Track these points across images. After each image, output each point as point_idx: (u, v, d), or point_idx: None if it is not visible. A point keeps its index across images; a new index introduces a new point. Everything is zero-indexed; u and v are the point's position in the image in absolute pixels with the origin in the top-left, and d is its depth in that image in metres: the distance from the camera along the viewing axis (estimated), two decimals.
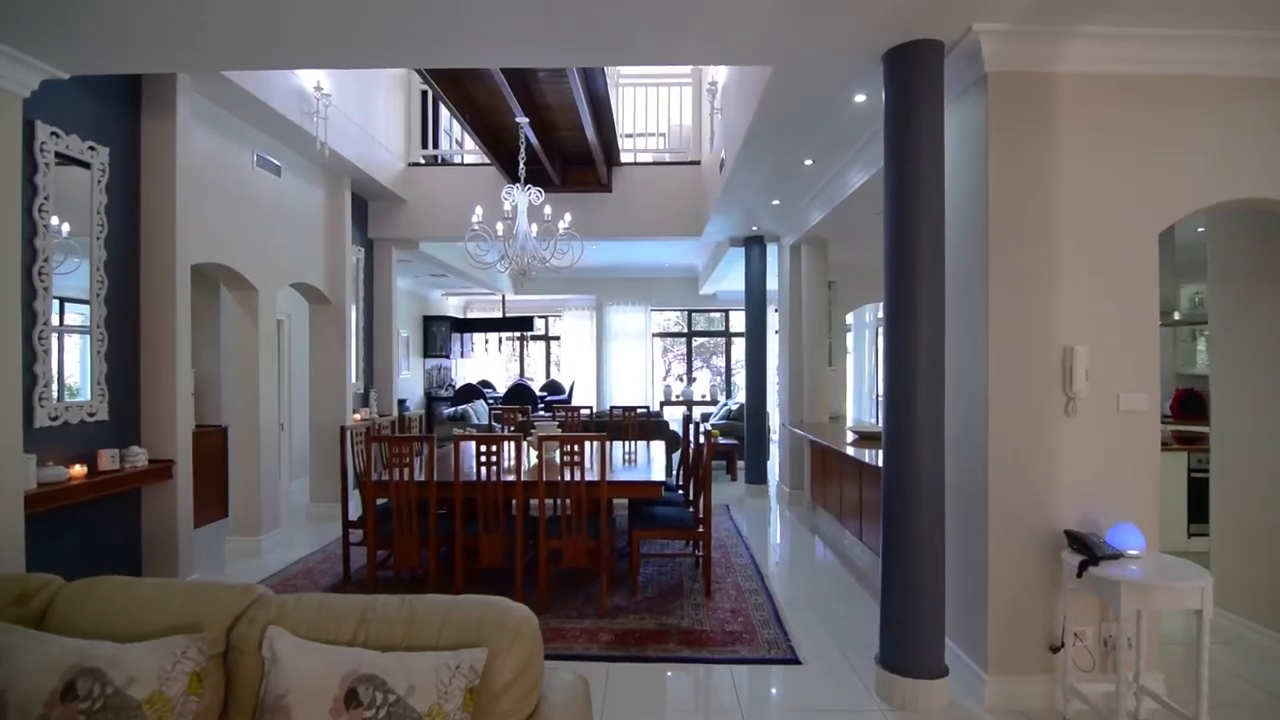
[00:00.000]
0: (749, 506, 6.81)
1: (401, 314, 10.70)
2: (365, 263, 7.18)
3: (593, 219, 7.18)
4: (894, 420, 2.89)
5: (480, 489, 3.82)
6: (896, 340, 2.91)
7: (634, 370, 12.45)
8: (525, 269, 5.14)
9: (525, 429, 6.13)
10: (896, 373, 2.90)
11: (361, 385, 7.06)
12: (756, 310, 7.20)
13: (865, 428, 5.31)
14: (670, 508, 4.46)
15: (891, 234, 2.96)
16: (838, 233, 6.13)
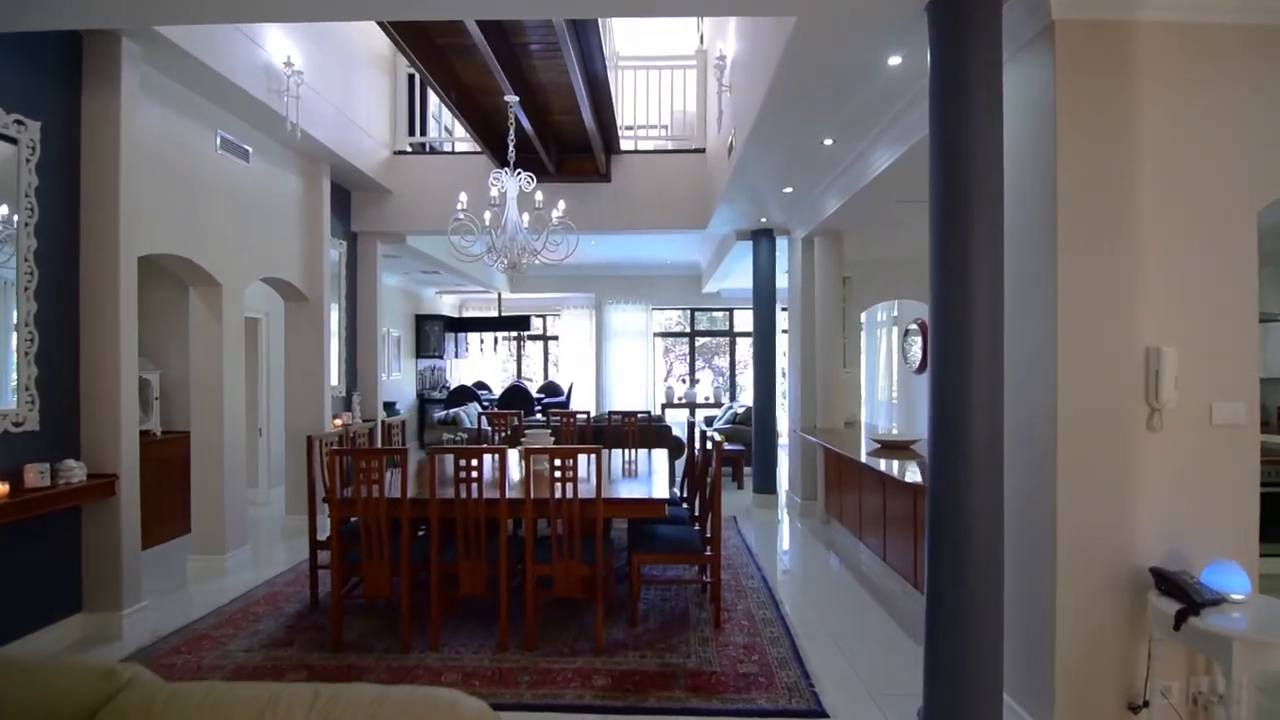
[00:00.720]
0: (757, 518, 6.35)
1: (392, 313, 10.26)
2: (348, 258, 6.73)
3: (591, 211, 6.73)
4: (943, 436, 2.44)
5: (459, 508, 3.37)
6: (947, 343, 2.45)
7: (634, 371, 12.01)
8: (515, 262, 4.69)
9: (515, 437, 5.68)
10: (946, 381, 2.44)
11: (343, 388, 6.62)
12: (765, 307, 6.74)
13: (888, 436, 4.86)
14: (674, 526, 4.01)
15: (940, 220, 2.51)
16: (855, 224, 5.67)
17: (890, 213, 5.25)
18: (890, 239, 6.37)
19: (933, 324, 2.55)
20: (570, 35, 4.25)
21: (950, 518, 2.39)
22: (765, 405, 6.73)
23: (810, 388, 6.32)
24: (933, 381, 2.54)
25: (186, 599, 4.22)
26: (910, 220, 5.31)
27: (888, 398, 8.75)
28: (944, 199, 2.47)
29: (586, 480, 3.60)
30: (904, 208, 5.06)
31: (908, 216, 5.26)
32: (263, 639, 3.56)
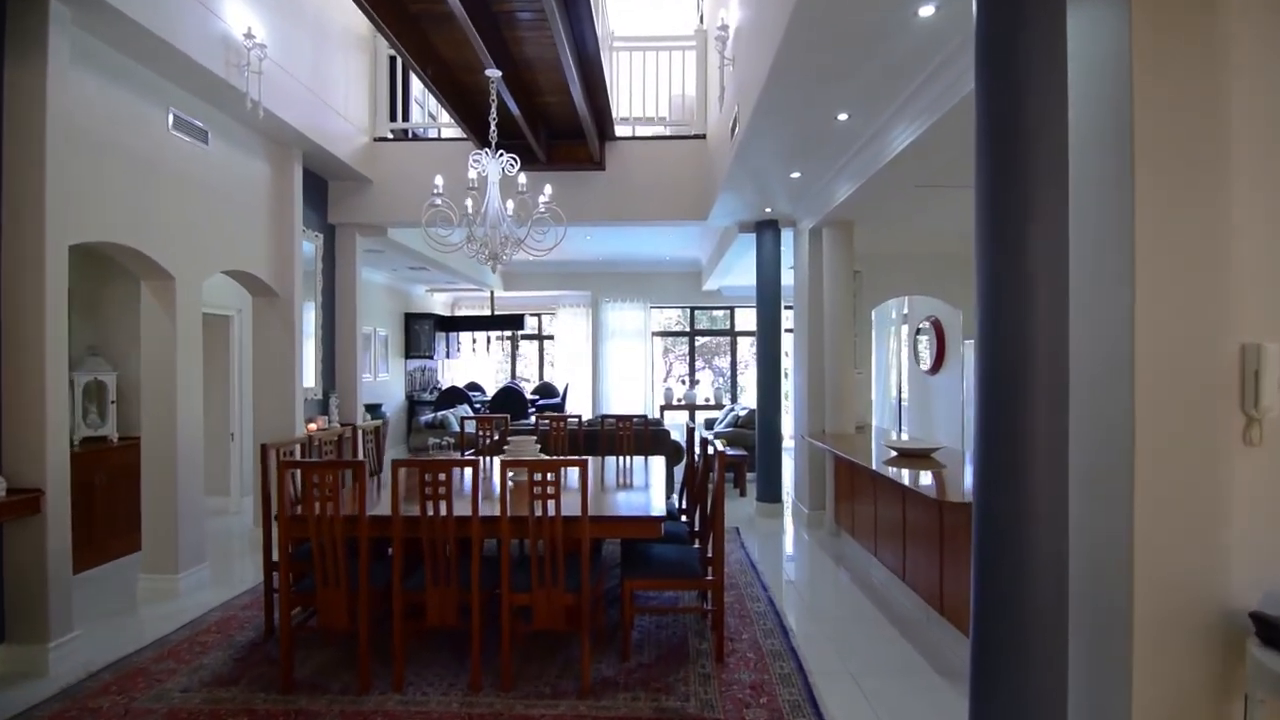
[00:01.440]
0: (761, 529, 5.94)
1: (378, 311, 9.85)
2: (325, 251, 6.32)
3: (584, 200, 6.32)
4: (993, 453, 2.02)
5: (426, 527, 2.96)
6: (996, 342, 2.04)
7: (632, 372, 11.59)
8: (497, 253, 4.28)
9: (498, 445, 5.26)
10: (997, 385, 2.03)
11: (320, 390, 6.20)
12: (769, 303, 6.32)
13: (906, 444, 4.44)
14: (672, 546, 3.59)
15: (989, 195, 2.09)
16: (867, 213, 5.26)
17: (907, 199, 4.84)
18: (904, 230, 5.96)
19: (981, 318, 2.13)
20: (558, 2, 3.83)
21: (1002, 553, 1.98)
22: (769, 408, 6.31)
23: (818, 390, 5.90)
24: (981, 386, 2.13)
25: (132, 625, 3.80)
26: (930, 206, 4.91)
27: (897, 399, 8.32)
28: (992, 168, 2.05)
29: (575, 493, 3.18)
30: (924, 194, 4.65)
31: (929, 202, 4.85)
32: (206, 676, 3.15)
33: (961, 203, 4.93)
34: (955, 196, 4.83)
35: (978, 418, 2.16)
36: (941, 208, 5.13)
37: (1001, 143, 1.99)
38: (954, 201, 4.98)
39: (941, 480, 3.72)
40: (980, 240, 2.06)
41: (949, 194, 4.76)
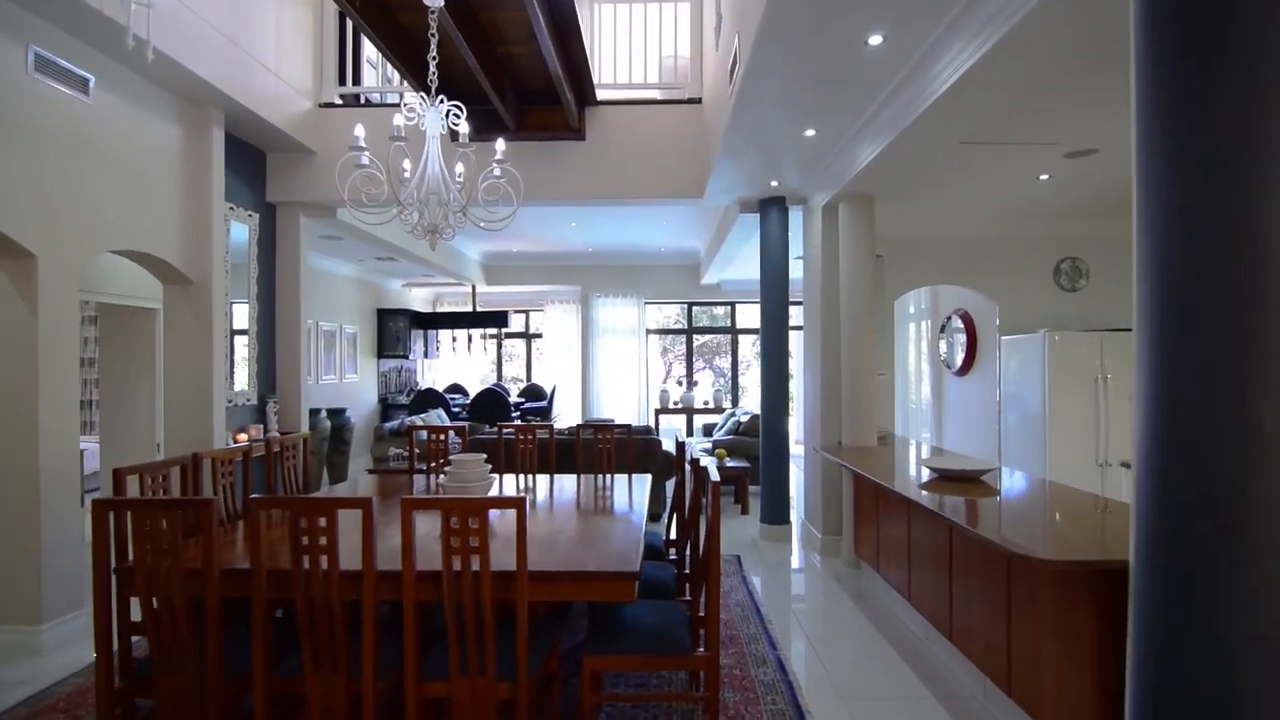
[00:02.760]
0: (767, 556, 5.08)
1: (346, 306, 9.01)
2: (262, 234, 5.47)
3: (561, 175, 5.47)
4: (1177, 482, 1.17)
5: (302, 588, 2.11)
6: (1180, 316, 1.18)
7: (625, 372, 10.74)
8: (437, 226, 3.43)
9: (438, 461, 4.39)
10: (1185, 381, 1.18)
11: (255, 394, 5.36)
12: (775, 294, 5.46)
13: (950, 464, 3.57)
14: (652, 606, 2.73)
15: (1153, 82, 1.23)
16: (893, 183, 4.40)
17: (945, 163, 3.98)
18: (932, 207, 5.09)
19: (1149, 285, 1.27)
20: None
21: (1189, 626, 1.13)
22: (775, 415, 5.45)
23: (833, 396, 5.04)
24: (1148, 385, 1.27)
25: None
26: (972, 172, 4.05)
27: (919, 404, 7.46)
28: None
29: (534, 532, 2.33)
30: (966, 157, 3.79)
31: (971, 165, 3.99)
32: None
33: (1011, 167, 4.06)
34: (1003, 160, 3.97)
35: (1143, 431, 1.31)
36: (984, 174, 4.27)
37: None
38: (1000, 166, 4.12)
39: (997, 514, 2.86)
40: (1159, 162, 1.20)
41: (996, 157, 3.91)
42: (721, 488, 7.09)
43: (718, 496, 2.53)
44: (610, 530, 2.82)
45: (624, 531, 2.79)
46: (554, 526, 2.91)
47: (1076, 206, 5.15)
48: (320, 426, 7.48)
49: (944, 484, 3.38)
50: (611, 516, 3.16)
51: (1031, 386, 5.13)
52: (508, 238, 9.16)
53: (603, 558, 2.41)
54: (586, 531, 2.84)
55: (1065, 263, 5.58)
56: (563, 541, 2.65)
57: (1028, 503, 3.05)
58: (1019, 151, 3.80)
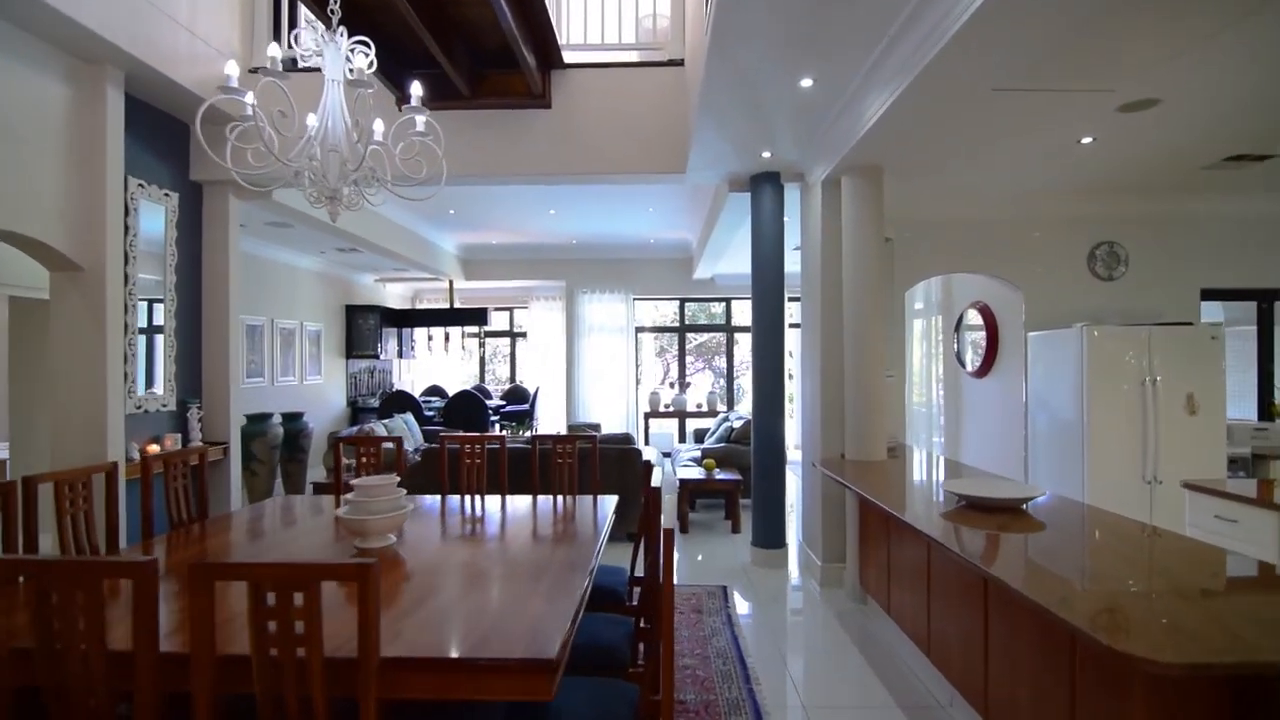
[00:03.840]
0: (758, 586, 4.39)
1: (307, 301, 8.34)
2: (183, 217, 4.79)
3: (523, 149, 4.78)
4: None
5: (46, 671, 1.43)
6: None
7: (613, 373, 10.05)
8: (337, 192, 2.75)
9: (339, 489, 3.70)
10: None
11: (173, 399, 4.68)
12: (769, 284, 4.77)
13: (982, 487, 2.86)
14: (589, 689, 2.04)
15: None
16: (905, 150, 3.71)
17: (973, 117, 3.28)
18: (949, 181, 4.40)
19: None
20: None
21: None
22: (769, 424, 4.75)
23: (835, 402, 4.35)
24: None
25: None
26: (1006, 128, 3.37)
27: (929, 409, 6.75)
28: None
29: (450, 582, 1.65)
30: (1001, 106, 3.10)
31: (1002, 120, 3.30)
32: None
33: (1050, 125, 3.36)
34: (1041, 117, 3.28)
35: None
36: (1015, 136, 3.58)
37: None
38: (1036, 125, 3.43)
39: (1055, 566, 2.16)
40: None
41: (1032, 113, 3.22)
42: (710, 497, 6.43)
43: (670, 549, 1.84)
44: (536, 588, 2.13)
45: (554, 592, 2.09)
46: (459, 584, 2.22)
47: (1117, 180, 4.46)
48: (270, 433, 6.81)
49: (973, 515, 2.68)
50: (547, 565, 2.47)
51: (1065, 390, 4.43)
52: (484, 229, 8.50)
53: (509, 637, 1.72)
54: (505, 590, 2.14)
55: (1101, 248, 4.88)
56: (462, 609, 1.96)
57: (1095, 550, 2.35)
58: (1063, 104, 3.11)
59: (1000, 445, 5.22)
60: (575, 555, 2.50)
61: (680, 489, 5.76)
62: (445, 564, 2.40)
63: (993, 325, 5.26)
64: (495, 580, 2.23)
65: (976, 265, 4.94)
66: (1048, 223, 4.91)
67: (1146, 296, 4.88)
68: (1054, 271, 4.92)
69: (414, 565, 2.36)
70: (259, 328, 7.27)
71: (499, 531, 2.94)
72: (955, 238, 4.93)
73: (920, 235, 4.93)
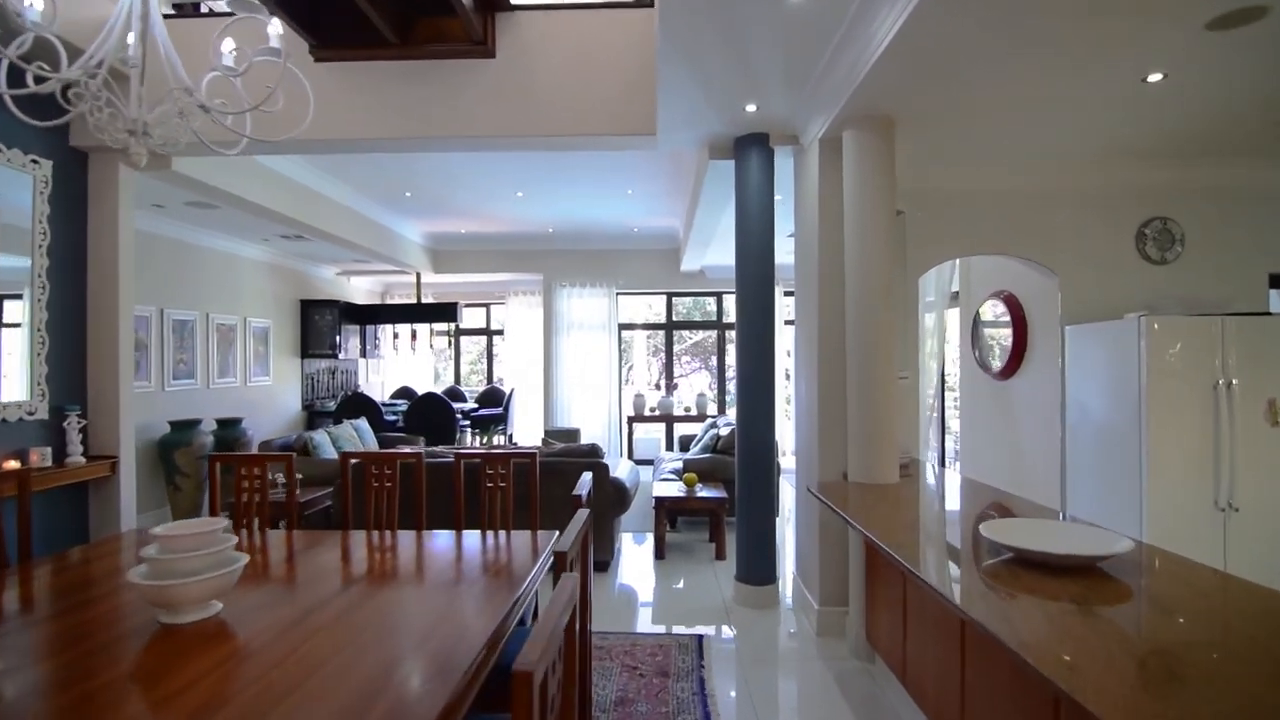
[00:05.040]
0: (744, 635, 3.61)
1: (253, 295, 7.56)
2: (59, 189, 4.02)
3: (463, 107, 4.00)
4: None
5: None
6: None
7: (594, 374, 9.27)
8: (138, 125, 1.99)
9: (255, 506, 2.92)
10: None
11: (44, 405, 3.91)
12: (757, 268, 4.00)
13: (1037, 538, 2.03)
14: None
15: None
16: (921, 95, 2.93)
17: (1010, 46, 2.50)
18: (972, 140, 3.62)
19: None
20: None
21: None
22: (756, 437, 3.97)
23: (835, 409, 3.57)
24: None
25: None
26: (1052, 63, 2.59)
27: (938, 417, 5.97)
28: None
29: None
30: (1050, 30, 2.32)
31: (1049, 52, 2.52)
32: None
33: (1110, 59, 2.58)
34: (1100, 47, 2.50)
35: None
36: (1063, 75, 2.80)
37: None
38: (1092, 59, 2.65)
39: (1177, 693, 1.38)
40: None
41: (1087, 41, 2.44)
42: (693, 516, 5.64)
43: (586, 633, 1.06)
44: (387, 694, 1.35)
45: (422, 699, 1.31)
46: (282, 683, 1.44)
47: (1178, 139, 3.68)
48: (197, 442, 6.04)
49: (1027, 575, 1.90)
50: (421, 646, 1.68)
51: (1115, 395, 3.65)
52: (449, 215, 7.72)
53: None
54: (342, 697, 1.36)
55: (1152, 224, 4.10)
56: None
57: (1231, 643, 1.57)
58: (1138, 16, 2.32)
59: (1028, 461, 4.44)
60: (466, 634, 1.72)
61: (656, 508, 4.98)
62: (276, 646, 1.63)
63: (1020, 318, 4.48)
64: (336, 677, 1.45)
65: (1003, 246, 4.16)
66: (1089, 195, 4.12)
67: (1205, 283, 4.10)
68: (1095, 253, 4.13)
69: (241, 648, 1.60)
70: (189, 323, 6.49)
71: (392, 583, 2.17)
72: (977, 213, 4.15)
73: (936, 210, 4.14)
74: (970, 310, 5.07)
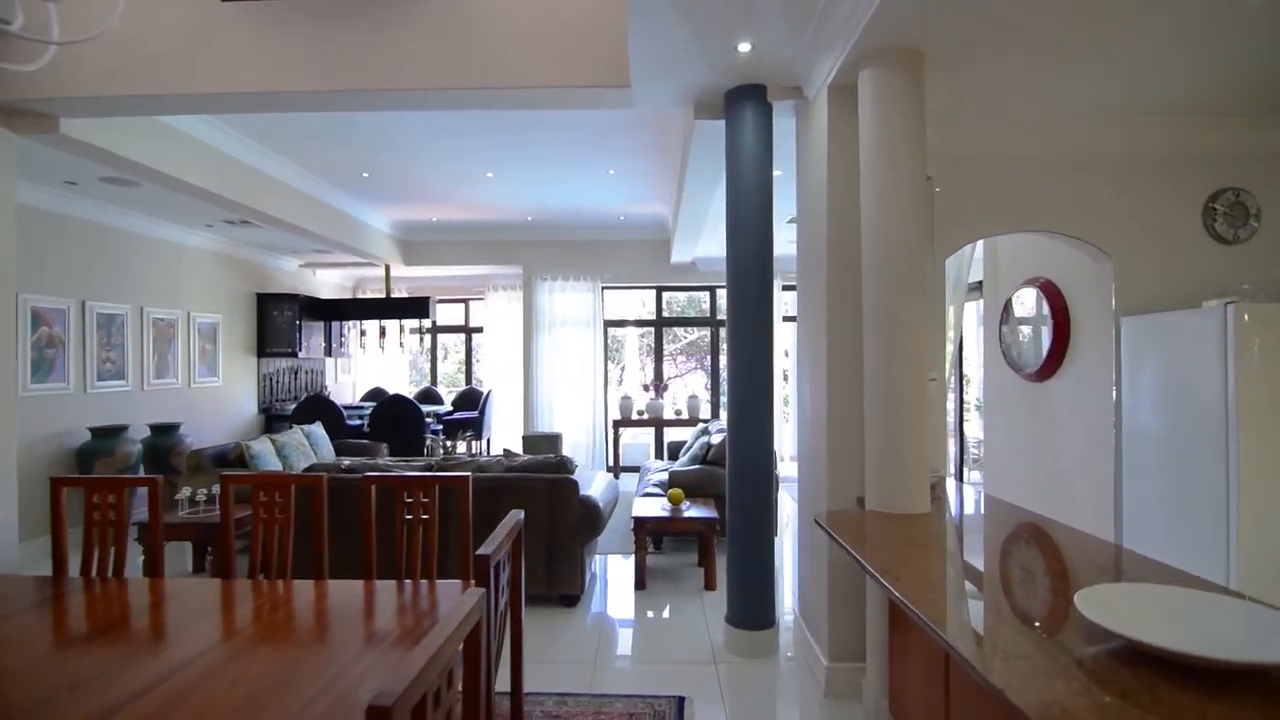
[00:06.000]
0: (736, 694, 2.94)
1: (203, 288, 6.88)
2: None
3: (390, 54, 3.32)
4: None
5: None
6: None
7: (578, 374, 8.60)
8: None
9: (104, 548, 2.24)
10: None
11: None
12: (750, 250, 3.32)
13: (1173, 630, 1.38)
14: None
15: None
16: (963, 15, 2.27)
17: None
18: (1017, 90, 2.96)
19: None
20: None
21: None
22: (751, 450, 3.30)
23: (848, 419, 2.89)
24: None
25: None
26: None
27: (957, 425, 5.31)
28: None
29: None
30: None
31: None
32: None
33: None
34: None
35: None
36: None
37: None
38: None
39: None
40: None
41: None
42: (680, 535, 4.97)
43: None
44: None
45: None
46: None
47: (1259, 95, 3.02)
48: (120, 451, 5.36)
49: (1160, 680, 1.24)
50: None
51: (1190, 400, 2.99)
52: (416, 201, 7.04)
53: None
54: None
55: (1223, 196, 3.44)
56: None
57: None
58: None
59: (1070, 479, 3.77)
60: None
61: (636, 530, 4.31)
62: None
63: (1061, 309, 3.82)
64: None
65: (1047, 222, 3.49)
66: (1148, 160, 3.47)
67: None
68: (1154, 231, 3.47)
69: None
70: (119, 318, 5.80)
71: (236, 665, 1.48)
72: (1016, 183, 3.48)
73: (965, 180, 3.47)
74: (997, 302, 4.41)
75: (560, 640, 3.52)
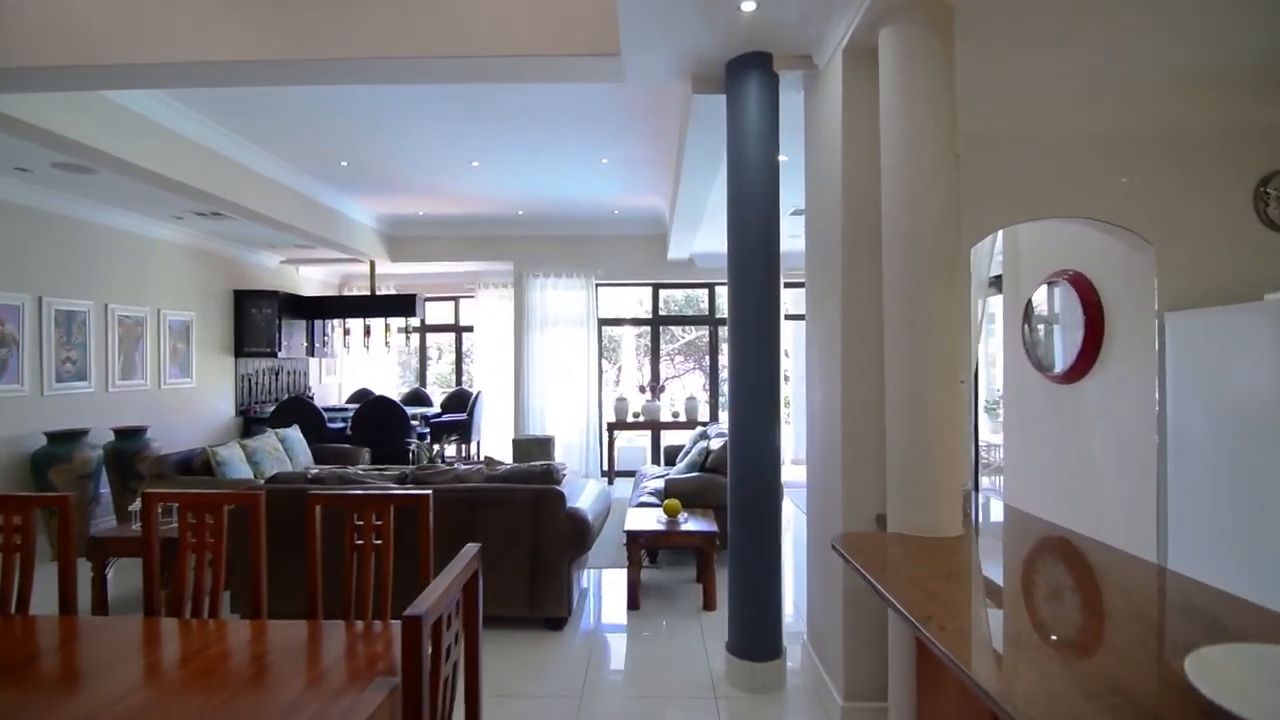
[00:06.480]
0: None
1: (176, 284, 6.53)
2: None
3: (346, 19, 2.99)
4: None
5: None
6: None
7: (572, 374, 8.26)
8: None
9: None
10: None
11: None
12: (754, 238, 2.99)
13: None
14: None
15: None
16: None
17: None
18: (1053, 55, 2.63)
19: None
20: None
21: None
22: (757, 461, 2.97)
23: (867, 429, 2.56)
24: None
25: None
26: None
27: (973, 430, 4.98)
28: None
29: None
30: None
31: None
32: None
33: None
34: None
35: None
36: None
37: None
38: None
39: None
40: None
41: None
42: (677, 549, 4.63)
43: None
44: None
45: None
46: None
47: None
48: (79, 458, 5.01)
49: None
50: None
51: (1248, 407, 2.67)
52: (399, 192, 6.70)
53: None
54: None
55: (1276, 179, 3.13)
56: None
57: None
58: None
59: (1104, 491, 3.45)
60: None
61: (629, 544, 3.97)
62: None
63: (1094, 304, 3.49)
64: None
65: (1082, 207, 3.16)
66: (1193, 139, 3.14)
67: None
68: (1199, 218, 3.15)
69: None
70: (81, 315, 5.46)
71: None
72: (1048, 164, 3.15)
73: (991, 160, 3.14)
74: (1021, 297, 4.08)
75: (544, 670, 3.19)
